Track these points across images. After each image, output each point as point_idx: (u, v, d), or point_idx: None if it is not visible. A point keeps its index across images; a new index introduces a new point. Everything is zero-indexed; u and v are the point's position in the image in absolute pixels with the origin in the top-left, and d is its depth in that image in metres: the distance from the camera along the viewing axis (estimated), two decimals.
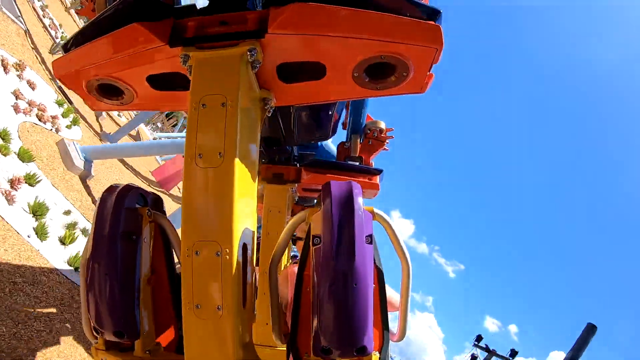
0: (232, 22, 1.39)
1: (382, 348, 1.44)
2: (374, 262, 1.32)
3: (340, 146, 3.43)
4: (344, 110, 3.48)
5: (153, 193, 1.59)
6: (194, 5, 1.46)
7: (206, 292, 1.24)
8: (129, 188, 1.44)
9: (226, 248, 1.24)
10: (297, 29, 1.34)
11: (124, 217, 1.36)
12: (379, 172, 3.04)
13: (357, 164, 3.28)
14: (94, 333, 1.36)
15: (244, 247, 1.33)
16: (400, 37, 1.34)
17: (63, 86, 1.55)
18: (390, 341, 1.49)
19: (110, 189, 1.42)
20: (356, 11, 1.31)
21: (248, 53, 1.34)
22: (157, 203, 1.59)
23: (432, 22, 1.33)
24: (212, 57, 1.36)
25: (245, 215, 1.36)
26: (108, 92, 1.64)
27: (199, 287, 1.25)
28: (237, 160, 1.27)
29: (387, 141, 3.31)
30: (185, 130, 1.44)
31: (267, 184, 3.14)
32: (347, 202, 1.32)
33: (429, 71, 1.49)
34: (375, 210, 1.42)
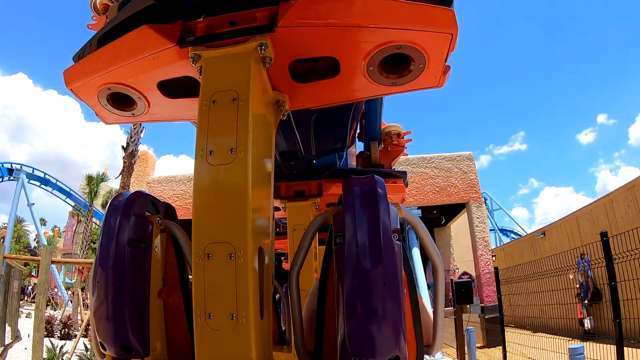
0: (241, 21, 1.37)
1: None
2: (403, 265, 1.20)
3: (359, 157, 3.36)
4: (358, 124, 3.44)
5: (165, 202, 1.53)
6: (203, 9, 1.45)
7: (218, 299, 1.14)
8: (138, 194, 1.38)
9: (240, 250, 1.15)
10: (307, 21, 1.31)
11: (132, 224, 1.29)
12: (402, 175, 2.93)
13: None
14: (101, 349, 1.25)
15: (260, 251, 1.23)
16: (415, 23, 1.32)
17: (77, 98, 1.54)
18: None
19: (118, 196, 1.36)
20: None
21: (258, 48, 1.30)
22: (170, 212, 1.52)
23: (446, 7, 1.30)
24: (222, 54, 1.33)
25: (260, 215, 1.27)
26: (120, 103, 1.62)
27: (210, 294, 1.14)
28: (250, 156, 1.20)
29: (405, 145, 3.22)
30: None
31: (289, 202, 3.04)
32: (370, 195, 1.21)
33: (446, 61, 1.45)
34: (401, 207, 1.32)
